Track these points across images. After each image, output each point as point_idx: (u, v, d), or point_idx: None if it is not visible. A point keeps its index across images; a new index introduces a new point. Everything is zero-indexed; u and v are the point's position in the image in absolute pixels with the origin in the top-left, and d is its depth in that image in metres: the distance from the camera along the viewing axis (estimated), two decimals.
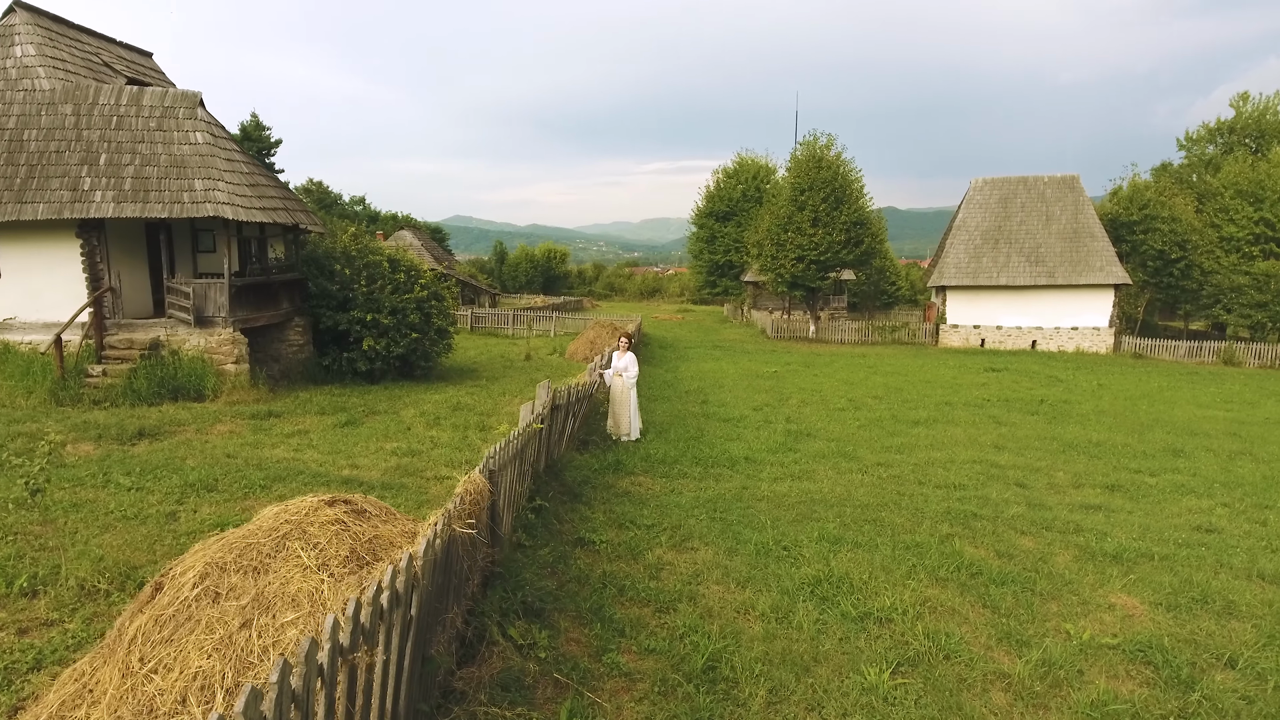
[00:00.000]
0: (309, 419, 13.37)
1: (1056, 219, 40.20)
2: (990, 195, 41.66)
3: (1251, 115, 45.56)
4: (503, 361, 24.09)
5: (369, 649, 3.44)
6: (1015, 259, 39.73)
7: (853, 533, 8.38)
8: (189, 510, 8.13)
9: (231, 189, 14.55)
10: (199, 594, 4.12)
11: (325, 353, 17.17)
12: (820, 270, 38.71)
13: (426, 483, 9.83)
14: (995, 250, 40.15)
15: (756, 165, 53.91)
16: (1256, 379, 30.51)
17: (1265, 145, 43.72)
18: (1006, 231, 40.54)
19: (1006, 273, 39.52)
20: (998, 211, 41.16)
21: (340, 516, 4.55)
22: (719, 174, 54.65)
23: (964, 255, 40.35)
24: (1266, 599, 7.31)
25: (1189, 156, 48.51)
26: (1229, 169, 41.03)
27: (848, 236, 38.43)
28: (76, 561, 6.45)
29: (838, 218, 38.08)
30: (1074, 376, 28.07)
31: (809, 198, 38.34)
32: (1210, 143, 47.24)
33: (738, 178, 53.88)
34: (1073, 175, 41.28)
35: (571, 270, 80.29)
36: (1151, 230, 39.73)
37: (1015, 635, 6.14)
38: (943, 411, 17.81)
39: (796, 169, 39.46)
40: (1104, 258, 38.58)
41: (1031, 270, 39.30)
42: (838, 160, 39.18)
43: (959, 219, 41.62)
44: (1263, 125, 44.85)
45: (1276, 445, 16.18)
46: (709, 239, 53.82)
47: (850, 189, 38.94)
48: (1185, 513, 10.39)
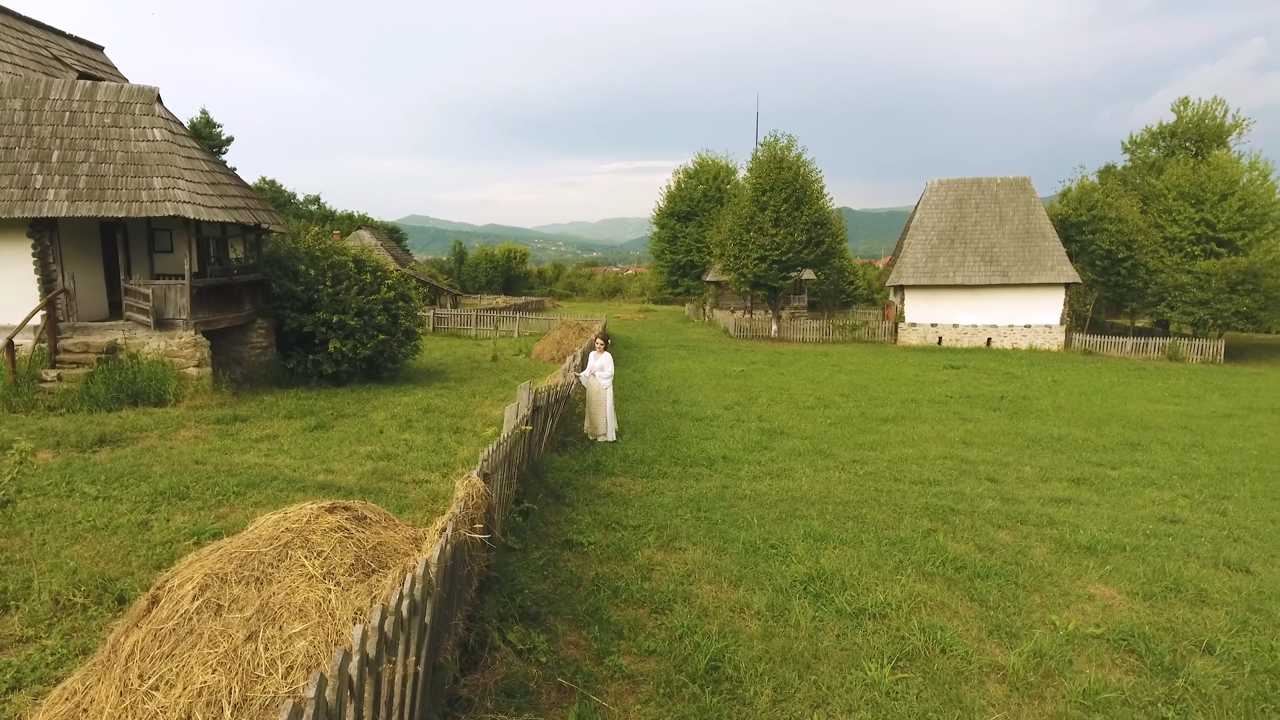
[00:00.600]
0: (277, 423, 13.06)
1: (1009, 220, 41.18)
2: (946, 196, 42.51)
3: (1191, 120, 47.25)
4: (469, 363, 23.82)
5: (390, 659, 3.36)
6: (971, 259, 40.60)
7: (837, 530, 8.46)
8: (161, 519, 7.87)
9: (192, 187, 14.11)
10: (200, 606, 3.98)
11: (289, 355, 16.77)
12: (782, 270, 39.07)
13: (405, 486, 9.66)
14: (951, 250, 40.98)
15: (717, 166, 54.20)
16: (1200, 374, 31.63)
17: (1205, 148, 45.37)
18: (962, 232, 41.41)
19: (962, 272, 40.37)
20: (953, 212, 42.01)
21: (343, 523, 4.44)
22: (680, 174, 54.86)
23: (921, 255, 41.11)
24: (1234, 586, 7.58)
25: (1133, 159, 50.14)
26: (1171, 171, 42.50)
27: (809, 236, 38.86)
28: (49, 575, 6.19)
29: (799, 218, 38.48)
30: (1029, 373, 28.79)
31: (770, 198, 38.67)
32: (1153, 146, 48.87)
33: (698, 178, 54.12)
34: (1024, 177, 42.33)
35: (531, 270, 79.78)
36: (1099, 230, 40.97)
37: (1004, 628, 6.27)
38: (909, 409, 18.11)
39: (758, 170, 39.77)
40: (1055, 257, 39.65)
41: (986, 270, 40.20)
42: (798, 161, 39.59)
43: (916, 219, 42.38)
44: (1202, 129, 46.55)
45: (1226, 437, 16.80)
46: (670, 239, 53.95)
47: (811, 189, 39.39)
48: (1149, 504, 10.72)
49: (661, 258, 55.39)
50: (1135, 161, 49.69)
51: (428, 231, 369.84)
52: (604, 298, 79.57)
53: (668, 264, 54.78)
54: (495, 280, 71.08)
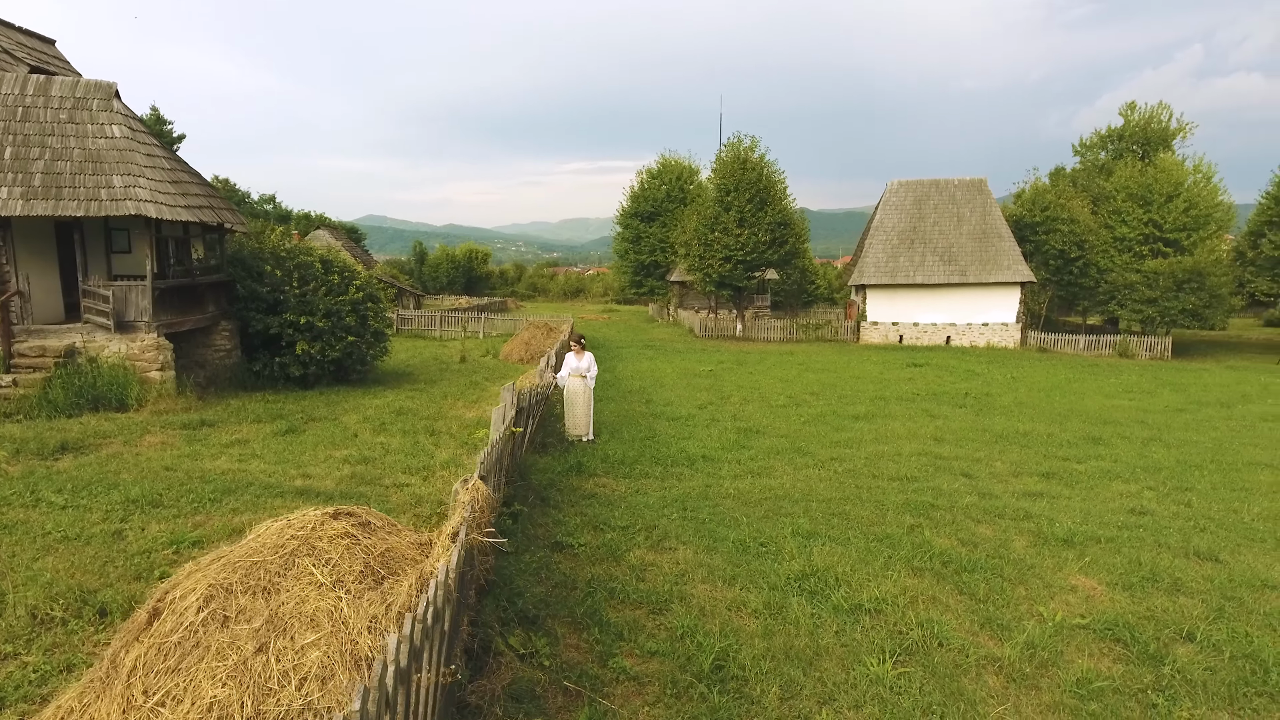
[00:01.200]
0: (246, 427, 12.74)
1: (967, 220, 42.07)
2: (905, 197, 43.25)
3: (1138, 124, 48.79)
4: (437, 364, 23.52)
5: (417, 669, 3.29)
6: (930, 258, 41.38)
7: (824, 527, 8.55)
8: (135, 528, 7.62)
9: (153, 186, 13.66)
10: (206, 618, 3.85)
11: (255, 358, 16.37)
12: (746, 270, 39.38)
13: (386, 490, 9.50)
14: (911, 250, 41.71)
15: (680, 166, 54.38)
16: (1150, 370, 32.68)
17: (1151, 151, 46.87)
18: (921, 232, 42.17)
19: (922, 271, 41.12)
20: (913, 213, 42.77)
21: (349, 530, 4.34)
22: (643, 174, 54.89)
23: (882, 255, 41.76)
24: (1206, 575, 7.83)
25: (1083, 161, 51.58)
26: (1120, 173, 43.82)
27: (772, 237, 39.25)
28: (23, 588, 5.95)
29: (763, 218, 38.83)
30: (988, 370, 29.43)
31: (735, 198, 38.95)
32: (1102, 149, 50.35)
33: (662, 178, 54.23)
34: (980, 179, 43.28)
35: (493, 271, 79.12)
36: (1052, 231, 42.07)
37: (995, 620, 6.39)
38: (878, 406, 18.38)
39: (722, 170, 40.03)
40: (1011, 257, 40.62)
41: (945, 269, 41.01)
42: (761, 162, 39.96)
43: (877, 220, 43.05)
44: (1148, 133, 48.09)
45: (1180, 431, 17.37)
46: (634, 239, 53.97)
47: (774, 190, 39.78)
48: (1117, 497, 11.03)
49: (625, 258, 55.38)
50: (1085, 164, 51.14)
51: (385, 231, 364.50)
52: (567, 298, 79.33)
53: (632, 264, 54.79)
54: (457, 281, 70.33)
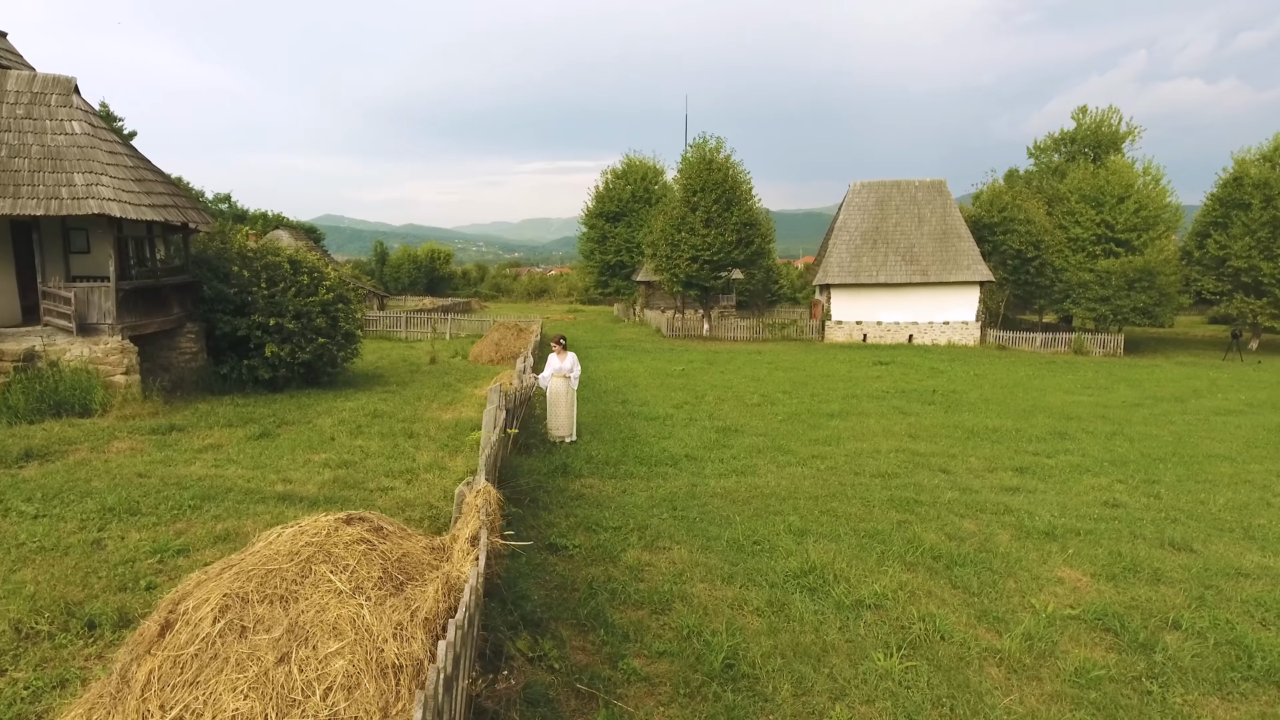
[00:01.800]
0: (217, 432, 12.41)
1: (927, 220, 42.82)
2: (868, 198, 43.86)
3: (1089, 127, 50.16)
4: (407, 366, 23.20)
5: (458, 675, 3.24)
6: (892, 258, 42.04)
7: (814, 524, 8.62)
8: (115, 537, 7.37)
9: (117, 184, 13.22)
10: (223, 629, 3.74)
11: (222, 361, 15.95)
12: (713, 270, 39.56)
13: (370, 495, 9.33)
14: (874, 250, 42.32)
15: (645, 167, 54.43)
16: (1105, 366, 33.63)
17: (1102, 154, 48.23)
18: (883, 232, 42.81)
19: (885, 271, 41.75)
20: (875, 213, 43.39)
21: (364, 535, 4.25)
22: (608, 175, 54.85)
23: (846, 255, 42.31)
24: (1182, 564, 8.08)
25: (1038, 164, 52.86)
26: (1074, 176, 44.99)
27: (739, 237, 39.48)
28: (4, 601, 5.72)
29: (729, 219, 39.04)
30: (951, 368, 29.98)
31: (701, 199, 39.10)
32: (1056, 151, 51.66)
33: (627, 179, 54.21)
34: (940, 180, 44.09)
35: (456, 271, 78.29)
36: (1010, 231, 43.02)
37: (991, 613, 6.51)
38: (851, 404, 18.61)
39: (688, 171, 40.14)
40: (970, 257, 41.45)
41: (907, 269, 41.70)
42: (727, 163, 40.17)
43: (840, 220, 43.59)
44: (1099, 136, 49.47)
45: (1141, 425, 17.89)
46: (600, 239, 53.86)
47: (740, 190, 40.03)
48: (1089, 490, 11.32)
49: (591, 258, 55.25)
50: (1040, 166, 52.40)
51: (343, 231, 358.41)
52: (530, 298, 78.90)
53: (597, 264, 54.69)
54: (419, 281, 69.45)
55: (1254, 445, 15.93)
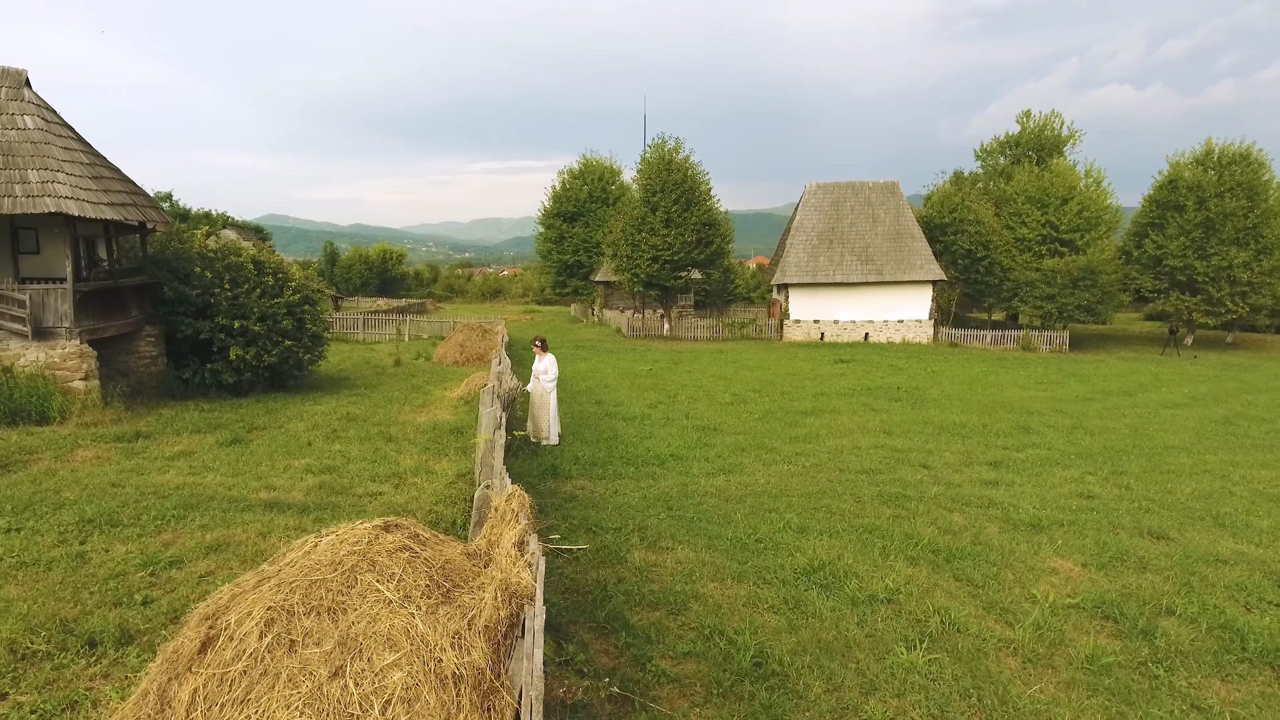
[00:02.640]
0: (186, 439, 11.97)
1: (882, 221, 43.66)
2: (824, 199, 44.51)
3: (1033, 131, 51.76)
4: (371, 368, 22.73)
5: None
6: (848, 258, 42.74)
7: (812, 521, 8.70)
8: (98, 550, 7.06)
9: (74, 181, 12.63)
10: (270, 644, 3.60)
11: (184, 365, 15.38)
12: (674, 270, 39.70)
13: (359, 500, 9.11)
14: (831, 250, 42.98)
15: (602, 167, 54.29)
16: (1054, 362, 34.70)
17: (1046, 156, 49.79)
18: (839, 233, 43.51)
19: (841, 270, 42.43)
20: (830, 214, 44.06)
21: (405, 542, 4.14)
22: (565, 175, 54.53)
23: (803, 255, 42.87)
24: (1163, 552, 8.39)
25: (984, 166, 54.34)
26: (1019, 178, 46.34)
27: (698, 237, 39.69)
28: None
29: (689, 219, 39.22)
30: (909, 365, 30.61)
31: (661, 199, 39.20)
32: (1001, 154, 53.16)
33: (584, 179, 54.02)
34: (893, 182, 45.01)
35: (408, 272, 77.01)
36: (960, 232, 44.14)
37: (997, 604, 6.66)
38: (822, 402, 18.85)
39: (647, 171, 40.19)
40: (923, 256, 42.40)
41: (863, 268, 42.45)
42: (686, 163, 40.34)
43: (797, 220, 44.14)
44: (1042, 139, 51.09)
45: (1097, 419, 18.51)
46: (557, 239, 53.56)
47: (699, 191, 40.25)
48: (1063, 483, 11.66)
49: (549, 258, 54.90)
50: (986, 168, 53.85)
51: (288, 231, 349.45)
52: (485, 299, 78.09)
53: (555, 264, 54.37)
54: (370, 282, 68.11)
55: (1204, 436, 16.63)
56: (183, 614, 5.86)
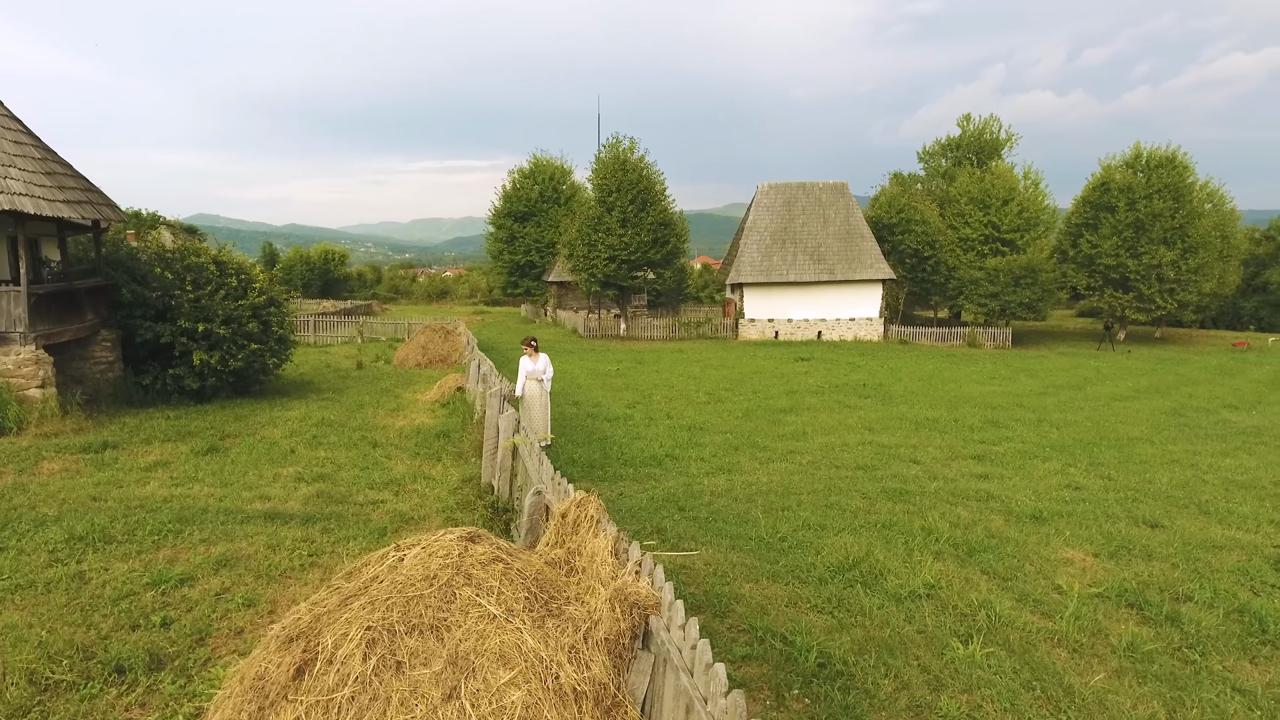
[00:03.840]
0: (157, 448, 11.35)
1: (832, 221, 44.41)
2: (776, 199, 45.04)
3: (972, 134, 53.41)
4: (333, 372, 22.01)
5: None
6: (801, 258, 43.35)
7: (828, 519, 8.72)
8: (97, 569, 6.60)
9: (27, 177, 11.81)
10: (376, 666, 3.38)
11: (143, 370, 14.58)
12: (630, 269, 39.65)
13: (361, 509, 8.76)
14: (784, 250, 43.52)
15: (553, 166, 53.88)
16: (1000, 358, 35.79)
17: (985, 159, 51.42)
18: (792, 233, 44.09)
19: (795, 270, 43.00)
20: (783, 214, 44.62)
21: (496, 554, 3.95)
22: (515, 174, 53.92)
23: (757, 254, 43.30)
24: (1163, 540, 8.66)
25: (927, 168, 55.83)
26: (962, 180, 47.74)
27: (654, 237, 39.73)
28: (12, 650, 4.99)
29: (645, 219, 39.22)
30: (866, 362, 31.18)
31: (617, 199, 39.10)
32: (943, 156, 54.71)
33: (534, 178, 53.53)
34: (842, 183, 45.82)
35: (351, 273, 75.09)
36: (908, 231, 45.22)
37: (1029, 596, 6.76)
38: (796, 400, 19.02)
39: (603, 171, 40.03)
40: (873, 256, 43.28)
41: (815, 268, 43.10)
42: (641, 163, 40.32)
43: (750, 220, 44.56)
44: (982, 142, 52.75)
45: (1057, 412, 19.11)
46: (509, 239, 52.92)
47: (654, 191, 40.28)
48: (1047, 475, 11.98)
49: (500, 258, 54.20)
50: (929, 170, 55.29)
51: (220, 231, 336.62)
52: (431, 300, 76.76)
53: (506, 264, 53.72)
54: (312, 283, 66.14)
55: (1160, 428, 17.32)
56: (209, 635, 5.54)
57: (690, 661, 2.98)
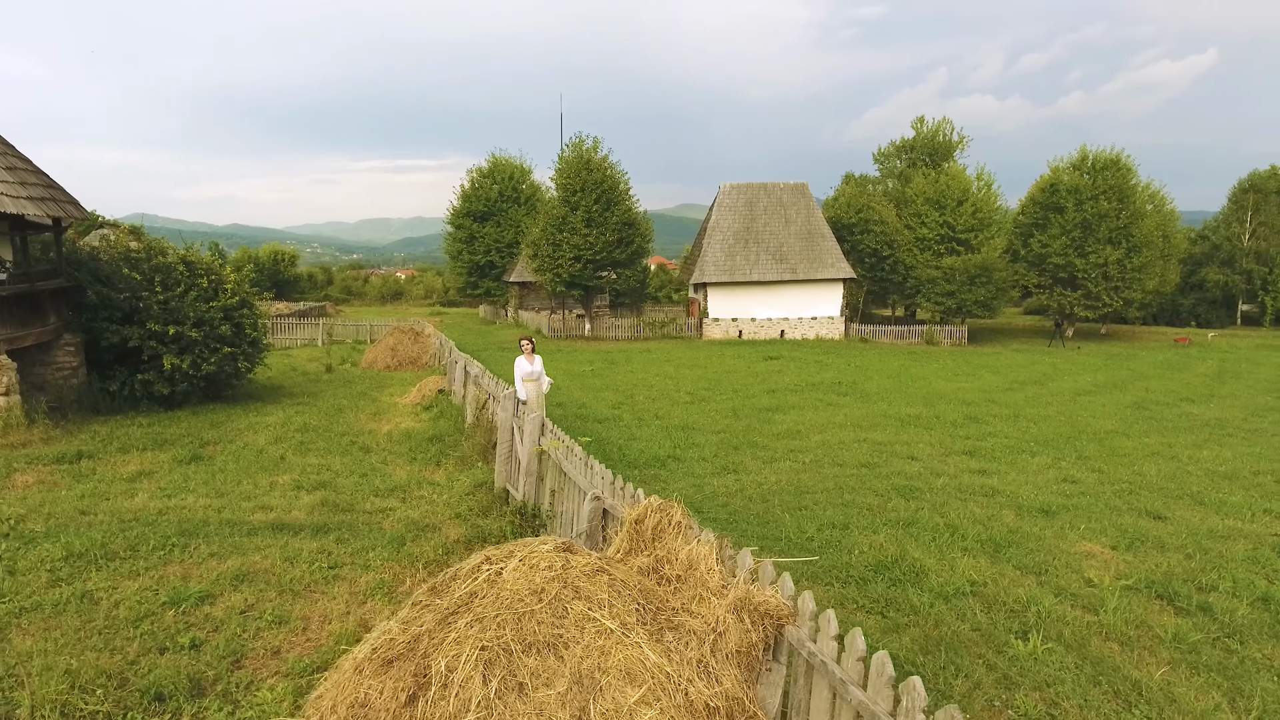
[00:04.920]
0: (136, 457, 10.76)
1: (794, 221, 44.83)
2: (738, 199, 45.27)
3: (926, 136, 54.53)
4: (300, 376, 21.30)
5: None
6: (764, 257, 43.66)
7: (850, 518, 8.68)
8: (105, 589, 6.17)
9: None
10: (498, 689, 3.17)
11: (109, 376, 13.85)
12: (595, 269, 39.42)
13: (371, 518, 8.42)
14: (747, 250, 43.77)
15: (512, 166, 53.24)
16: (959, 355, 36.56)
17: (938, 160, 52.53)
18: (754, 232, 44.37)
19: (758, 269, 43.29)
20: (745, 214, 44.87)
21: (599, 565, 3.76)
22: (474, 173, 53.13)
23: (721, 254, 43.47)
24: (1170, 532, 8.84)
25: (882, 169, 56.81)
26: (918, 181, 48.69)
27: (619, 236, 39.57)
28: (38, 679, 4.59)
29: (609, 218, 39.03)
30: (832, 360, 31.51)
31: (581, 199, 38.83)
32: (898, 158, 55.75)
33: (493, 177, 52.81)
34: (802, 183, 46.27)
35: (301, 274, 73.12)
36: (867, 231, 45.92)
37: (1066, 590, 6.80)
38: (778, 399, 19.06)
39: (566, 170, 39.70)
40: (834, 255, 43.82)
41: (778, 267, 43.45)
42: (605, 163, 40.11)
43: (713, 220, 44.70)
44: (935, 144, 53.89)
45: (1028, 408, 19.52)
46: (468, 239, 52.09)
47: (618, 190, 40.12)
48: (1040, 469, 12.17)
49: (459, 259, 53.33)
50: (884, 171, 56.25)
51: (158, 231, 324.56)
52: (385, 301, 75.27)
53: (466, 265, 52.88)
54: (262, 284, 64.15)
55: (1130, 421, 17.83)
56: (244, 656, 5.22)
57: (858, 675, 2.84)
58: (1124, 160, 45.48)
